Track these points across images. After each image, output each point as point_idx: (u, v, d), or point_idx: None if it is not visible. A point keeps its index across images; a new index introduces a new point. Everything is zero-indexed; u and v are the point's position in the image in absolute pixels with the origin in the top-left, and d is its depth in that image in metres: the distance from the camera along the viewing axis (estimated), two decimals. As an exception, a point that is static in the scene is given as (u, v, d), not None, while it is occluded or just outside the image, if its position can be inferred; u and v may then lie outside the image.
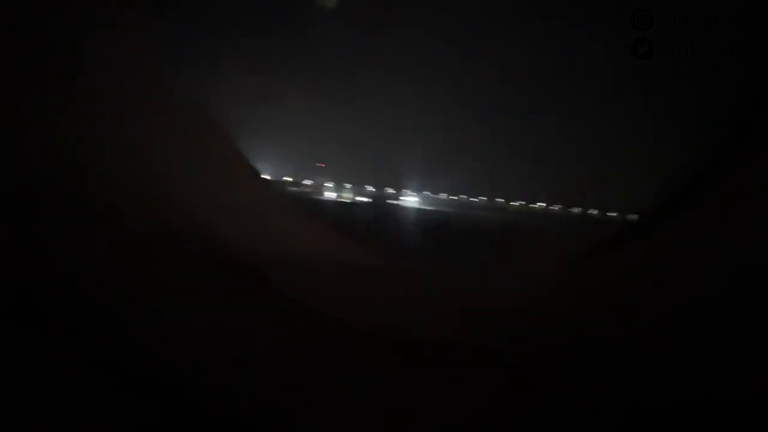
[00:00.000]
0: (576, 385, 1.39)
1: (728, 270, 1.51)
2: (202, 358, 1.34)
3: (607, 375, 1.40)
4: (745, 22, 2.25)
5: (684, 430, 1.26)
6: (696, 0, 2.42)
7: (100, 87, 1.53)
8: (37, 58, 1.42)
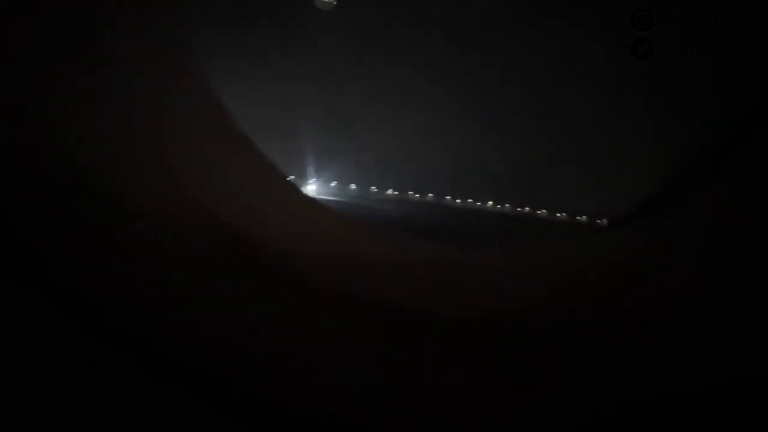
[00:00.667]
0: (576, 384, 1.39)
1: (728, 270, 1.51)
2: (216, 340, 1.34)
3: (606, 375, 1.40)
4: (745, 22, 2.25)
5: (684, 430, 1.26)
6: (696, 0, 2.42)
7: (114, 83, 1.53)
8: (41, 56, 1.41)
